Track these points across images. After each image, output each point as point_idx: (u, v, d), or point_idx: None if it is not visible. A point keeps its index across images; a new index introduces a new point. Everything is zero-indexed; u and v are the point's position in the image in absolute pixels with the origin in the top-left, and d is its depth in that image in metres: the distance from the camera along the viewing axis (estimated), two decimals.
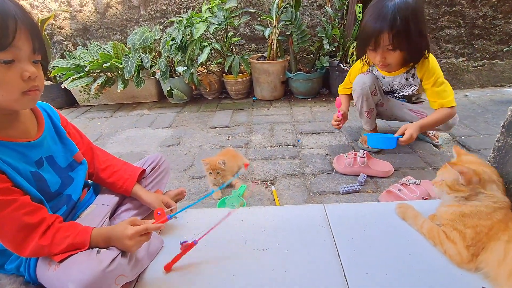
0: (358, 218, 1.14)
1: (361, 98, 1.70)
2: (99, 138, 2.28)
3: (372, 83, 1.67)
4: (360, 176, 1.50)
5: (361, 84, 1.67)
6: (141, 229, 0.82)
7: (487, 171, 0.97)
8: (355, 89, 1.71)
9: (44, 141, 0.89)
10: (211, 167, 1.45)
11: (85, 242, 0.80)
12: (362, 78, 1.68)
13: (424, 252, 0.98)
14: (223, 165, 1.47)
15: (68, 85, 2.63)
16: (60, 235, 0.79)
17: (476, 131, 2.05)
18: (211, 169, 1.45)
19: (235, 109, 2.68)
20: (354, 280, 0.89)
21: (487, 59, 2.89)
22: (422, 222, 1.06)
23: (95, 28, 3.08)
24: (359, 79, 1.69)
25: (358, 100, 1.73)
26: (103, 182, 1.08)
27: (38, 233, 0.76)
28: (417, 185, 1.31)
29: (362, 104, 1.73)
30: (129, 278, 0.85)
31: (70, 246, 0.79)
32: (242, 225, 1.16)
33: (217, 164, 1.45)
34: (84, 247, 0.80)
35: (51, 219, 0.80)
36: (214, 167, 1.45)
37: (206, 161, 1.47)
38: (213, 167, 1.45)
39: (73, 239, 0.79)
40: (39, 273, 0.81)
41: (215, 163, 1.45)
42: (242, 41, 3.00)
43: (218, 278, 0.93)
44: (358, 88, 1.69)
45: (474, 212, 0.93)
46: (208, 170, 1.46)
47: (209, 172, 1.47)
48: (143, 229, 0.82)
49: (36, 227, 0.76)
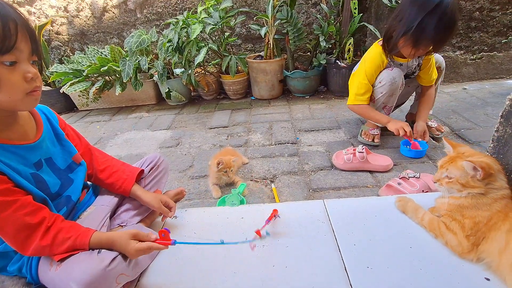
0: (358, 212, 1.14)
1: (387, 94, 1.67)
2: (98, 142, 2.28)
3: (401, 77, 1.66)
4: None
5: (391, 80, 1.63)
6: (144, 248, 0.81)
7: (495, 162, 0.95)
8: (384, 85, 1.65)
9: (43, 143, 0.89)
10: (227, 166, 1.46)
11: (84, 245, 0.80)
12: (390, 74, 1.64)
13: (425, 245, 0.97)
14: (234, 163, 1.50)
15: (67, 90, 2.64)
16: (61, 236, 0.79)
17: (476, 123, 2.04)
18: (227, 167, 1.46)
19: (233, 109, 2.68)
20: (355, 274, 0.89)
21: (485, 51, 2.88)
22: (422, 214, 1.06)
23: (92, 33, 3.09)
24: (386, 75, 1.64)
25: (384, 96, 1.69)
26: (102, 183, 1.08)
27: (39, 233, 0.76)
28: (416, 179, 1.31)
29: (388, 100, 1.71)
30: (130, 277, 0.85)
31: (70, 247, 0.79)
32: (242, 222, 1.16)
33: (231, 162, 1.47)
34: (83, 249, 0.80)
35: (52, 218, 0.80)
36: (229, 165, 1.47)
37: (222, 161, 1.46)
38: (228, 166, 1.46)
39: (74, 241, 0.80)
40: (41, 274, 0.81)
41: (230, 162, 1.47)
42: (239, 41, 3.01)
43: (219, 275, 0.93)
44: (387, 84, 1.64)
45: (473, 204, 0.92)
46: (224, 169, 1.47)
47: (223, 171, 1.47)
48: (146, 247, 0.81)
49: (37, 227, 0.77)
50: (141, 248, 0.81)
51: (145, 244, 0.81)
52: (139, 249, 0.80)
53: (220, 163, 1.46)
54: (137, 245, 0.80)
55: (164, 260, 1.01)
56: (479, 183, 0.90)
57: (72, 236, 0.80)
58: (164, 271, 0.97)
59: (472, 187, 0.91)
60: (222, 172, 1.47)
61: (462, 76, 2.96)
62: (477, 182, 0.91)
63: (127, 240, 0.81)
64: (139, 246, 0.80)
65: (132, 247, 0.80)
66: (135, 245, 0.80)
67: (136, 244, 0.80)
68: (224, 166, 1.46)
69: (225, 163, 1.46)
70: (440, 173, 1.01)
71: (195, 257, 1.01)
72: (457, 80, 2.95)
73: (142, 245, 0.81)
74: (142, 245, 0.81)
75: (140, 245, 0.80)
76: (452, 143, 1.08)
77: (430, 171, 1.48)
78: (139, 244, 0.80)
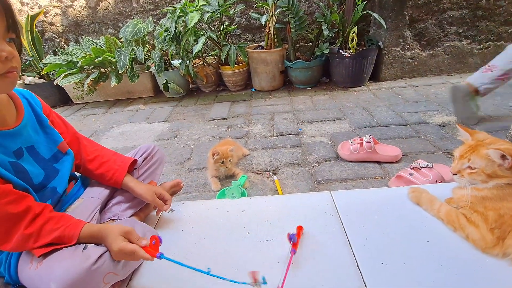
0: (368, 204, 1.06)
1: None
2: (93, 134, 2.19)
3: None
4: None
5: None
6: (128, 250, 0.70)
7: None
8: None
9: (24, 130, 0.80)
10: (224, 156, 1.37)
11: (73, 236, 0.72)
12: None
13: (444, 239, 0.89)
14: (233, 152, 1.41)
15: (61, 82, 2.55)
16: (49, 226, 0.71)
17: (484, 113, 1.96)
18: (224, 158, 1.37)
19: (233, 101, 2.60)
20: (368, 271, 0.81)
21: (492, 41, 2.79)
22: (439, 206, 0.97)
23: (86, 23, 2.99)
24: None
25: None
26: (91, 174, 1.00)
27: (24, 223, 0.69)
28: (429, 168, 1.23)
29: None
30: (121, 277, 0.77)
31: (57, 239, 0.71)
32: (243, 216, 1.07)
33: (229, 152, 1.38)
34: (71, 241, 0.72)
35: (39, 207, 0.73)
36: (226, 155, 1.37)
37: (217, 151, 1.38)
38: (225, 156, 1.37)
39: (62, 232, 0.72)
40: (21, 273, 0.73)
41: (226, 152, 1.38)
42: (238, 31, 2.91)
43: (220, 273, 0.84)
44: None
45: (498, 195, 0.84)
46: (220, 160, 1.38)
47: (221, 161, 1.38)
48: (130, 250, 0.70)
49: (21, 217, 0.69)
50: (125, 250, 0.70)
51: (130, 247, 0.70)
52: (123, 250, 0.70)
53: (215, 153, 1.37)
54: (122, 244, 0.70)
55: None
56: (508, 172, 0.81)
57: (61, 227, 0.72)
58: (158, 270, 0.89)
59: (500, 177, 0.82)
60: (218, 163, 1.38)
61: (469, 66, 2.86)
62: (505, 172, 0.81)
63: (116, 236, 0.72)
64: (124, 246, 0.70)
65: (117, 245, 0.70)
66: (121, 244, 0.70)
67: (122, 243, 0.70)
68: (220, 156, 1.37)
69: (221, 153, 1.37)
70: (461, 164, 0.91)
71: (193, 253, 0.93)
72: (463, 70, 2.86)
73: (128, 246, 0.70)
74: (128, 246, 0.70)
75: (125, 245, 0.70)
76: (469, 130, 0.99)
77: (442, 162, 1.40)
78: (124, 244, 0.70)
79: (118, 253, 0.70)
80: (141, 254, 0.70)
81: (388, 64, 2.68)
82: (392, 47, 2.61)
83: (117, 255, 0.71)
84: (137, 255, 0.70)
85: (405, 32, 2.58)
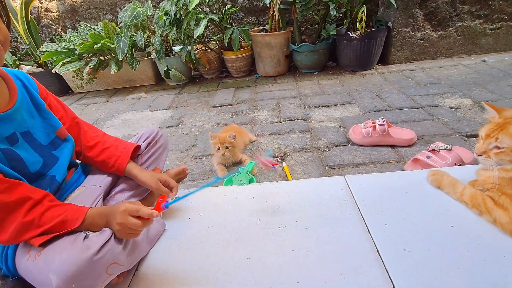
0: (385, 189, 1.00)
1: None
2: (94, 123, 2.14)
3: None
4: None
5: None
6: (131, 208, 0.67)
7: None
8: None
9: (17, 114, 0.74)
10: (220, 141, 1.30)
11: (78, 218, 0.67)
12: None
13: (469, 223, 0.84)
14: (233, 139, 1.32)
15: (59, 70, 2.48)
16: (50, 213, 0.67)
17: (501, 95, 1.88)
18: (220, 143, 1.30)
19: (237, 87, 2.52)
20: (390, 258, 0.75)
21: (504, 20, 2.66)
22: (462, 189, 0.91)
23: (84, 9, 2.89)
24: None
25: None
26: (92, 161, 0.94)
27: (22, 211, 0.64)
28: (448, 151, 1.16)
29: None
30: (125, 267, 0.72)
31: (59, 224, 0.66)
32: (253, 202, 1.02)
33: (227, 138, 1.31)
34: (75, 224, 0.67)
35: (37, 195, 0.67)
36: (222, 140, 1.30)
37: (214, 135, 1.32)
38: (221, 141, 1.30)
39: (66, 216, 0.67)
40: (18, 265, 0.68)
41: (223, 137, 1.31)
42: (241, 14, 2.80)
43: (230, 263, 0.80)
44: None
45: None
46: (216, 145, 1.31)
47: (216, 147, 1.32)
48: (133, 209, 0.67)
49: (17, 206, 0.64)
50: (129, 208, 0.67)
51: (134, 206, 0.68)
52: (127, 208, 0.67)
53: (212, 137, 1.31)
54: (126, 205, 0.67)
55: (166, 246, 0.88)
56: None
57: (64, 212, 0.68)
58: (166, 258, 0.84)
59: None
60: (215, 148, 1.32)
61: (481, 47, 2.75)
62: None
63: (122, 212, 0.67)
64: (128, 205, 0.67)
65: (123, 206, 0.67)
66: (125, 205, 0.67)
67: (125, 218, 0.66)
68: (216, 141, 1.31)
69: (217, 138, 1.31)
70: (487, 144, 0.85)
71: (201, 242, 0.88)
72: (475, 51, 2.75)
73: (131, 205, 0.68)
74: (131, 205, 0.68)
75: (128, 205, 0.68)
76: (496, 108, 0.92)
77: (458, 145, 1.33)
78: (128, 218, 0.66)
79: (123, 215, 0.67)
80: (145, 210, 0.68)
81: (397, 46, 2.57)
82: (402, 27, 2.50)
83: (119, 231, 0.67)
84: (141, 212, 0.67)
85: (415, 11, 2.47)
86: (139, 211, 0.67)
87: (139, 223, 0.67)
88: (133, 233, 0.69)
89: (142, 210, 0.68)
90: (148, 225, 0.70)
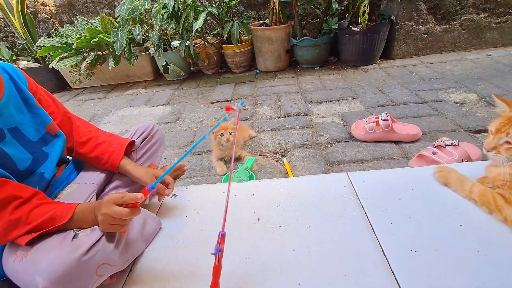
0: (389, 186, 0.97)
1: None
2: (92, 119, 2.10)
3: None
4: None
5: None
6: (116, 196, 0.63)
7: None
8: None
9: (4, 109, 0.71)
10: (223, 127, 1.27)
11: (67, 214, 0.64)
12: None
13: (478, 222, 0.80)
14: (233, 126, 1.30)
15: (56, 65, 2.43)
16: (38, 211, 0.64)
17: (507, 89, 1.83)
18: (223, 129, 1.27)
19: (237, 83, 2.47)
20: (396, 259, 0.72)
21: (510, 14, 2.60)
22: (470, 186, 0.87)
23: (81, 3, 2.84)
24: None
25: None
26: (85, 158, 0.91)
27: (8, 210, 0.61)
28: (455, 147, 1.12)
29: None
30: (117, 268, 0.68)
31: (48, 221, 0.63)
32: (252, 200, 0.98)
33: (229, 125, 1.28)
34: (63, 220, 0.64)
35: (26, 193, 0.65)
36: (225, 126, 1.28)
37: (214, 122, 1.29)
38: (224, 127, 1.27)
39: (54, 212, 0.64)
40: (5, 265, 0.65)
41: (226, 124, 1.28)
42: (241, 7, 2.75)
43: (229, 263, 0.76)
44: None
45: None
46: (219, 131, 1.28)
47: (219, 133, 1.27)
48: (118, 197, 0.63)
49: (3, 206, 0.61)
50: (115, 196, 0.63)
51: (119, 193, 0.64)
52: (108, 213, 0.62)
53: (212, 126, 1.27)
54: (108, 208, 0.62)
55: (163, 244, 0.84)
56: None
57: (53, 209, 0.65)
58: (162, 257, 0.81)
59: None
60: (218, 136, 1.28)
61: (486, 42, 2.70)
62: None
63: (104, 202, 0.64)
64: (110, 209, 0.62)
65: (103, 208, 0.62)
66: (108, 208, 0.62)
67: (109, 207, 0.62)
68: (219, 128, 1.27)
69: (220, 125, 1.27)
70: (497, 139, 0.81)
71: (198, 240, 0.85)
72: (480, 46, 2.70)
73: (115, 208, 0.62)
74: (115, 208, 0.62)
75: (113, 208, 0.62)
76: (506, 101, 0.88)
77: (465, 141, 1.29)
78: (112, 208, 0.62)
79: (103, 219, 0.62)
80: (131, 196, 0.63)
81: (400, 40, 2.52)
82: (405, 21, 2.44)
83: (102, 221, 0.63)
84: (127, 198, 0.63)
85: (419, 4, 2.41)
86: (124, 197, 0.63)
87: (124, 212, 0.62)
88: (118, 223, 0.63)
89: (127, 195, 0.63)
90: (136, 214, 0.64)
